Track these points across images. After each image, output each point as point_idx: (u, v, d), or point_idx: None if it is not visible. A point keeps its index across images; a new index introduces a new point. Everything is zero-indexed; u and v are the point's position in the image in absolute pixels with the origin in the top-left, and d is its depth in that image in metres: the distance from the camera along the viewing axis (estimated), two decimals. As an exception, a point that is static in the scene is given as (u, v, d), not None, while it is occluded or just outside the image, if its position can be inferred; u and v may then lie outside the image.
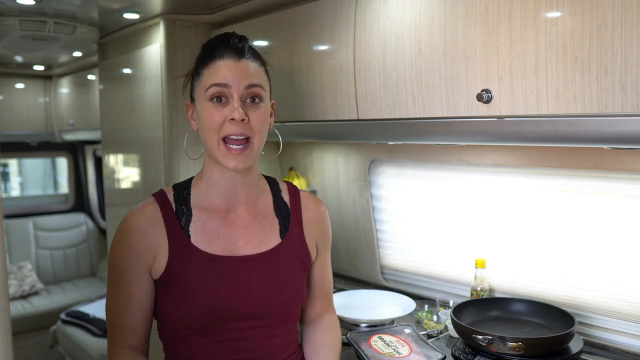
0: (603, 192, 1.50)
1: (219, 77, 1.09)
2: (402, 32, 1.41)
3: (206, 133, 1.10)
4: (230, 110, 1.08)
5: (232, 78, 1.08)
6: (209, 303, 1.08)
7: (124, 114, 2.50)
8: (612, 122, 1.07)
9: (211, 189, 1.16)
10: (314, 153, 2.38)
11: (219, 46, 1.12)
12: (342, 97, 1.62)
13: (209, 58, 1.12)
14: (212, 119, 1.08)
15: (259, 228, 1.17)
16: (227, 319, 1.10)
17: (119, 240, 1.13)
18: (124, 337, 1.13)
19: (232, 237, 1.14)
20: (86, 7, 2.13)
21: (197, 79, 1.14)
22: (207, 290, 1.08)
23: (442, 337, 1.66)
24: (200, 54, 1.15)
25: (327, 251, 1.29)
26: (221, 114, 1.08)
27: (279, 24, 1.82)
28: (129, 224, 1.12)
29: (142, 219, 1.12)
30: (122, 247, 1.12)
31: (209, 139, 1.10)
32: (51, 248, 4.24)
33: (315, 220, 1.24)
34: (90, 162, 4.29)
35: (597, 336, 1.54)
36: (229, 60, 1.10)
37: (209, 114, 1.09)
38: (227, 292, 1.09)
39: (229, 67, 1.09)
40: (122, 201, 2.62)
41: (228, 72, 1.09)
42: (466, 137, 1.37)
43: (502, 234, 1.76)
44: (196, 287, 1.08)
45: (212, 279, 1.09)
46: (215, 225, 1.14)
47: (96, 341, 3.15)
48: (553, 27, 1.11)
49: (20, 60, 3.46)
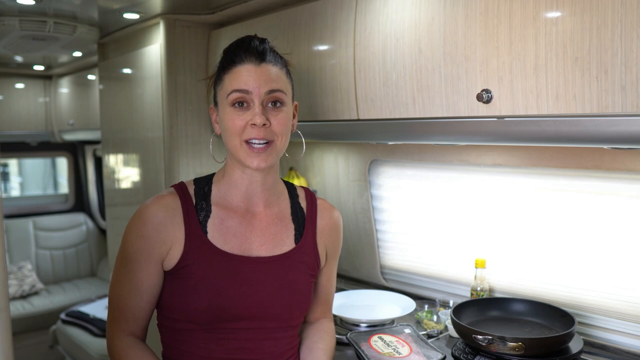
0: (603, 192, 1.50)
1: (240, 82, 1.10)
2: (402, 32, 1.41)
3: (228, 136, 1.12)
4: (252, 115, 1.09)
5: (252, 83, 1.09)
6: (215, 299, 1.09)
7: (124, 114, 2.50)
8: (612, 122, 1.07)
9: (232, 188, 1.17)
10: (314, 153, 2.38)
11: (239, 51, 1.12)
12: (342, 97, 1.62)
13: (229, 63, 1.13)
14: (234, 123, 1.10)
15: (275, 231, 1.18)
16: (231, 317, 1.10)
17: (135, 228, 1.12)
18: (127, 323, 1.13)
19: (248, 237, 1.15)
20: (86, 7, 2.13)
21: (219, 84, 1.15)
22: (216, 287, 1.10)
23: (442, 337, 1.66)
24: (222, 59, 1.16)
25: (336, 259, 1.31)
26: (243, 119, 1.10)
27: (279, 24, 1.82)
28: (147, 213, 1.12)
29: (161, 209, 1.12)
30: (136, 235, 1.11)
31: (232, 142, 1.12)
32: (51, 248, 4.24)
33: (329, 228, 1.25)
34: (90, 162, 4.29)
35: (597, 336, 1.54)
36: (249, 65, 1.11)
37: (231, 118, 1.11)
38: (235, 291, 1.10)
39: (250, 72, 1.10)
40: (122, 201, 2.62)
41: (249, 78, 1.10)
42: (466, 137, 1.37)
43: (502, 234, 1.76)
44: (206, 282, 1.09)
45: (223, 276, 1.10)
46: (233, 224, 1.15)
47: (96, 341, 3.15)
48: (553, 27, 1.11)
49: (20, 60, 3.46)
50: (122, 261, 1.13)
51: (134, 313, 1.13)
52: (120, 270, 1.14)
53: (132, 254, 1.11)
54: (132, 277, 1.12)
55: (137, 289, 1.12)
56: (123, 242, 1.14)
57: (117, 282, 1.14)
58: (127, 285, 1.12)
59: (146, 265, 1.11)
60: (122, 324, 1.14)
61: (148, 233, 1.11)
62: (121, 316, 1.14)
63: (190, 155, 2.19)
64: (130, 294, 1.12)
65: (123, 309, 1.13)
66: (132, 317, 1.13)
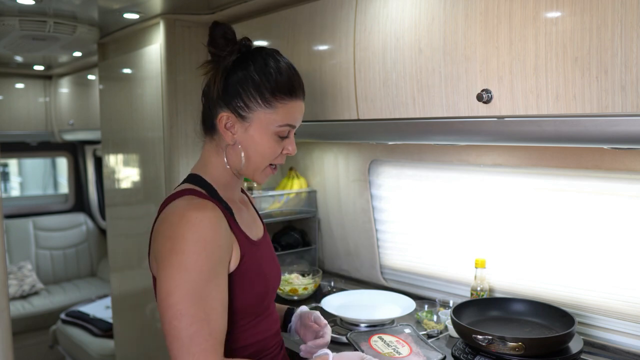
0: (603, 192, 1.50)
1: (294, 118, 1.16)
2: (402, 32, 1.41)
3: (259, 159, 1.16)
4: (288, 143, 1.18)
5: (299, 122, 1.19)
6: (266, 283, 1.18)
7: (124, 114, 2.50)
8: (612, 122, 1.07)
9: (228, 186, 1.21)
10: (314, 153, 2.38)
11: (296, 85, 1.16)
12: (342, 97, 1.62)
13: (287, 95, 1.14)
14: (273, 151, 1.16)
15: (255, 215, 1.32)
16: (272, 294, 1.23)
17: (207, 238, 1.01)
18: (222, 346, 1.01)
19: (254, 223, 1.27)
20: (86, 7, 2.13)
21: (266, 106, 1.13)
22: (264, 272, 1.18)
23: (442, 337, 1.66)
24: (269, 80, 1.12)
25: None
26: (280, 146, 1.17)
27: (279, 24, 1.82)
28: (213, 220, 1.03)
29: (217, 214, 1.06)
30: (209, 246, 1.01)
31: (259, 164, 1.17)
32: (51, 248, 4.24)
33: None
34: (90, 162, 4.29)
35: (597, 336, 1.54)
36: (301, 102, 1.18)
37: (271, 146, 1.15)
38: (271, 271, 1.22)
39: (302, 109, 1.19)
40: (122, 201, 2.62)
41: (299, 115, 1.18)
42: (466, 137, 1.37)
43: (502, 234, 1.76)
44: (258, 270, 1.16)
45: (263, 260, 1.19)
46: (244, 215, 1.23)
47: (96, 341, 3.15)
48: (553, 27, 1.11)
49: (20, 60, 3.46)
50: (205, 279, 0.99)
51: (224, 330, 1.03)
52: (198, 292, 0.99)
53: (215, 267, 1.01)
54: (220, 292, 1.02)
55: (224, 302, 1.03)
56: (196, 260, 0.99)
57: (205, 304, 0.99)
58: (216, 304, 1.01)
59: (225, 273, 1.05)
60: (218, 349, 0.99)
61: (221, 241, 1.04)
62: (217, 342, 0.99)
63: (190, 155, 2.19)
64: (221, 311, 1.02)
65: (218, 332, 1.00)
66: (223, 338, 1.02)
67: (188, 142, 2.18)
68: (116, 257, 2.69)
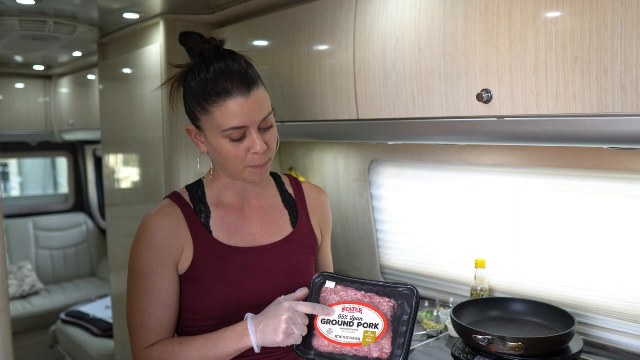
0: (603, 192, 1.50)
1: (234, 120, 1.06)
2: (402, 32, 1.41)
3: (229, 164, 1.12)
4: (251, 143, 1.08)
5: (247, 118, 1.06)
6: (232, 292, 1.13)
7: (124, 114, 2.50)
8: (612, 122, 1.07)
9: (224, 189, 1.21)
10: (314, 153, 2.38)
11: (223, 82, 1.05)
12: (342, 97, 1.62)
13: (215, 96, 1.06)
14: (235, 154, 1.09)
15: (272, 219, 1.23)
16: (247, 307, 1.14)
17: (144, 242, 1.13)
18: (156, 335, 1.13)
19: (250, 229, 1.20)
20: (86, 7, 2.13)
21: (204, 113, 1.08)
22: (230, 281, 1.14)
23: (442, 337, 1.66)
24: (200, 87, 1.08)
25: (329, 236, 1.38)
26: (242, 148, 1.09)
27: (279, 24, 1.82)
28: (153, 225, 1.14)
29: (165, 218, 1.14)
30: (147, 247, 1.13)
31: (234, 168, 1.13)
32: (51, 248, 4.24)
33: (319, 207, 1.32)
34: (90, 162, 4.29)
35: (597, 336, 1.54)
36: (239, 98, 1.05)
37: (229, 150, 1.09)
38: (247, 281, 1.15)
39: (242, 106, 1.05)
40: (122, 201, 2.62)
41: (242, 113, 1.05)
42: (466, 137, 1.37)
43: (502, 234, 1.76)
44: (220, 278, 1.14)
45: (234, 269, 1.15)
46: (233, 220, 1.19)
47: (96, 341, 3.15)
48: (553, 27, 1.11)
49: (20, 60, 3.46)
50: (139, 277, 1.13)
51: (163, 323, 1.14)
52: (138, 287, 1.13)
53: (148, 266, 1.12)
54: (154, 288, 1.12)
55: (162, 299, 1.13)
56: (134, 258, 1.14)
57: (138, 299, 1.13)
58: (150, 299, 1.12)
59: (165, 273, 1.13)
60: (150, 338, 1.13)
61: (159, 243, 1.13)
62: (149, 331, 1.13)
63: (190, 155, 2.19)
64: (155, 306, 1.12)
65: (150, 323, 1.13)
66: (161, 329, 1.13)
67: (188, 142, 2.18)
68: (116, 257, 2.69)
